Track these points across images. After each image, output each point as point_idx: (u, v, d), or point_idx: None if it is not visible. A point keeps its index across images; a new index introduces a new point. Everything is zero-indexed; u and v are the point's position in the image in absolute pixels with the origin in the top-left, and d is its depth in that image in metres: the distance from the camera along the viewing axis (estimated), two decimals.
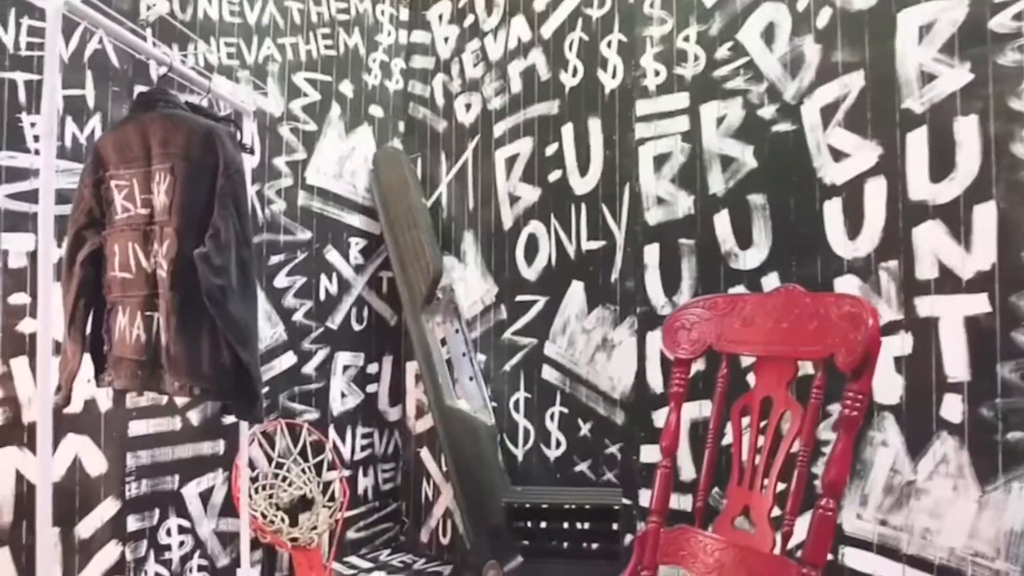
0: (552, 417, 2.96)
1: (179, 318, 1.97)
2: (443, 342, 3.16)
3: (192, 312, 1.98)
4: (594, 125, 2.86)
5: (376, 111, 3.47)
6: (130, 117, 2.10)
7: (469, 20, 3.33)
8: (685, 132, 2.62)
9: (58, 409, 2.39)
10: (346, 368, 3.37)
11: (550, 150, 2.99)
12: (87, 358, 2.13)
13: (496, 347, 3.16)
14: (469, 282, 3.25)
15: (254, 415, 2.05)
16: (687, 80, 2.62)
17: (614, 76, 2.81)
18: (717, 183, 2.54)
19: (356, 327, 3.42)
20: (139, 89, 2.71)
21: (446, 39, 3.41)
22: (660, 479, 1.83)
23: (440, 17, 3.42)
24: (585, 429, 2.86)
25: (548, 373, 2.97)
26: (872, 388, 1.67)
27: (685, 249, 2.61)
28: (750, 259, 2.47)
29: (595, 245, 2.85)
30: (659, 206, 2.68)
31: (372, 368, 3.50)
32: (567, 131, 2.94)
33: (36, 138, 2.49)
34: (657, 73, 2.69)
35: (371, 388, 3.49)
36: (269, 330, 3.04)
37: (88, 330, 2.11)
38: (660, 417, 2.65)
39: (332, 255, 3.31)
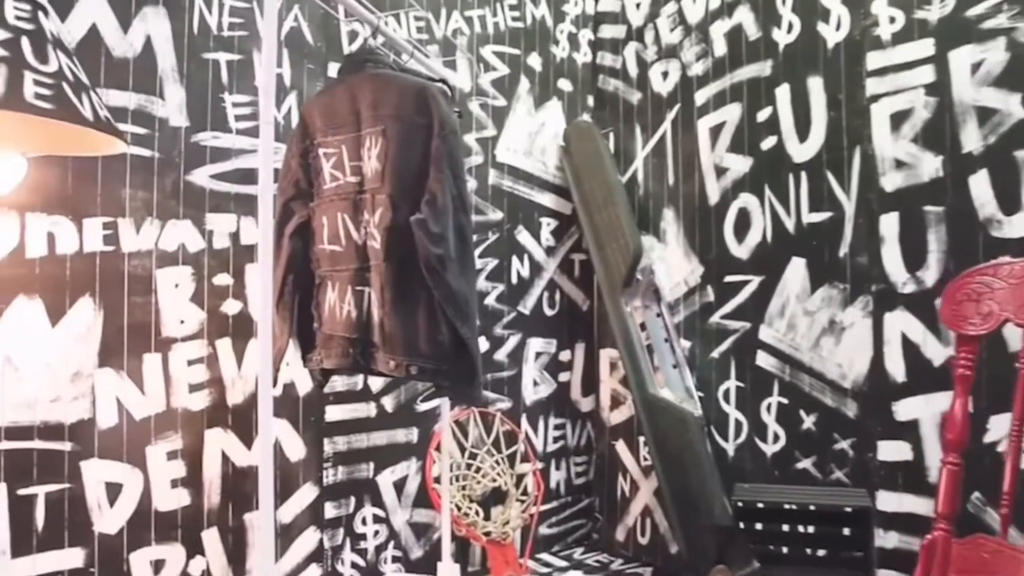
0: (769, 408, 2.66)
1: (394, 291, 1.83)
2: (642, 327, 2.92)
3: (407, 284, 1.83)
4: (815, 84, 2.54)
5: (565, 85, 3.28)
6: (337, 81, 1.98)
7: None
8: (930, 84, 2.27)
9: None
10: (538, 355, 3.19)
11: (762, 115, 2.69)
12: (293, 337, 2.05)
13: (702, 332, 2.88)
14: (670, 262, 2.99)
15: (473, 396, 1.88)
16: (931, 24, 2.27)
17: (838, 28, 2.48)
18: (972, 140, 2.18)
19: (548, 312, 3.23)
20: (335, 66, 2.63)
21: (638, 5, 3.15)
22: (947, 478, 1.52)
23: None
24: (809, 422, 2.54)
25: (764, 360, 2.67)
26: None
27: (932, 217, 2.26)
28: (1018, 226, 2.10)
29: (819, 217, 2.53)
30: (898, 170, 2.33)
31: (564, 355, 3.30)
32: (782, 93, 2.63)
33: (238, 118, 2.45)
34: (892, 20, 2.35)
35: (563, 376, 3.29)
36: None
37: (296, 307, 2.02)
38: (902, 409, 2.31)
39: (523, 236, 3.14)
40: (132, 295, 2.24)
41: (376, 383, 2.70)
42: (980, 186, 2.16)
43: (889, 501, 2.33)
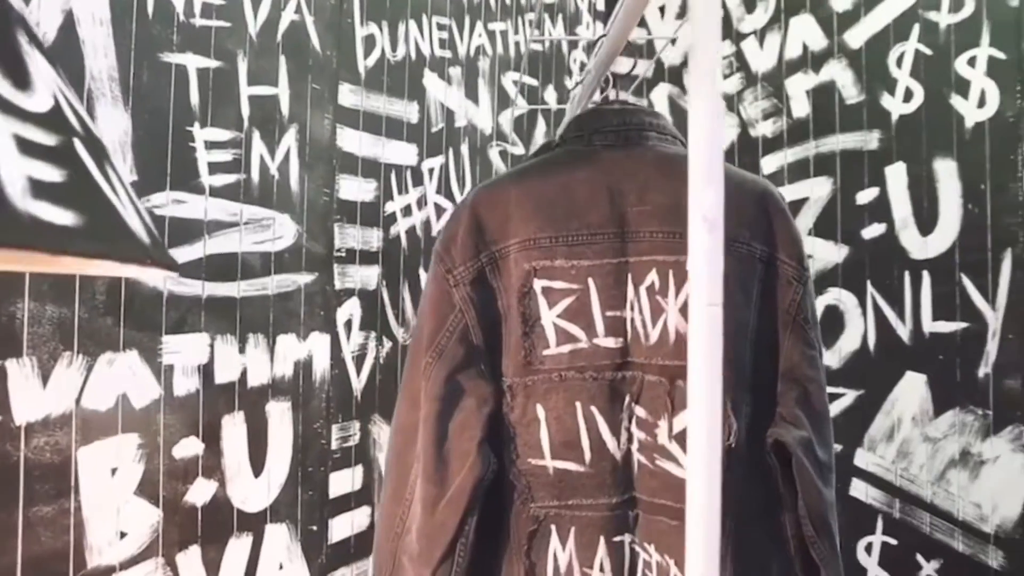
0: (869, 549, 2.06)
1: (745, 567, 0.92)
2: None
3: (757, 553, 0.94)
4: (945, 168, 1.97)
5: None
6: (573, 155, 1.01)
7: None
8: None
9: None
10: None
11: (864, 197, 2.06)
12: None
13: None
14: None
15: None
16: None
17: (981, 104, 1.94)
18: None
19: None
20: (347, 88, 1.57)
21: (673, 40, 2.37)
22: None
23: (662, 10, 2.38)
24: (929, 568, 1.98)
25: (861, 490, 2.05)
26: None
27: None
28: None
29: (949, 327, 1.97)
30: None
31: None
32: (895, 174, 2.02)
33: (215, 167, 1.33)
34: None
35: None
36: None
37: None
38: None
39: None
40: (33, 503, 1.08)
41: None
42: None
43: None
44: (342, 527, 1.60)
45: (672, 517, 0.93)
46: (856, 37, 2.08)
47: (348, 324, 1.61)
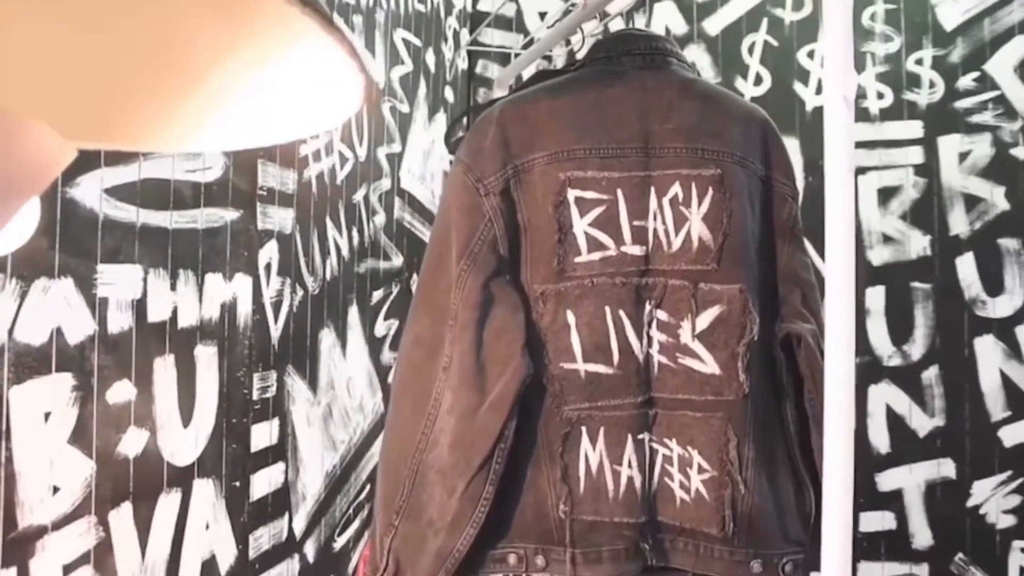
0: None
1: (759, 446, 1.01)
2: None
3: (770, 433, 1.03)
4: (789, 145, 2.16)
5: (450, 95, 2.37)
6: (607, 73, 1.03)
7: None
8: (919, 165, 2.14)
9: None
10: None
11: None
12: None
13: None
14: None
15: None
16: (920, 108, 2.14)
17: (819, 92, 2.21)
18: (960, 223, 2.11)
19: None
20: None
21: (543, 15, 2.43)
22: None
23: None
24: None
25: None
26: None
27: (919, 294, 2.13)
28: (1001, 307, 2.09)
29: None
30: (885, 245, 2.16)
31: None
32: None
33: None
34: (881, 96, 2.17)
35: None
36: (370, 400, 1.89)
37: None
38: (885, 480, 2.15)
39: None
40: None
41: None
42: (966, 268, 2.11)
43: (872, 571, 2.15)
44: (261, 484, 1.49)
45: (695, 410, 1.00)
46: (713, 25, 2.30)
47: (268, 267, 1.50)
